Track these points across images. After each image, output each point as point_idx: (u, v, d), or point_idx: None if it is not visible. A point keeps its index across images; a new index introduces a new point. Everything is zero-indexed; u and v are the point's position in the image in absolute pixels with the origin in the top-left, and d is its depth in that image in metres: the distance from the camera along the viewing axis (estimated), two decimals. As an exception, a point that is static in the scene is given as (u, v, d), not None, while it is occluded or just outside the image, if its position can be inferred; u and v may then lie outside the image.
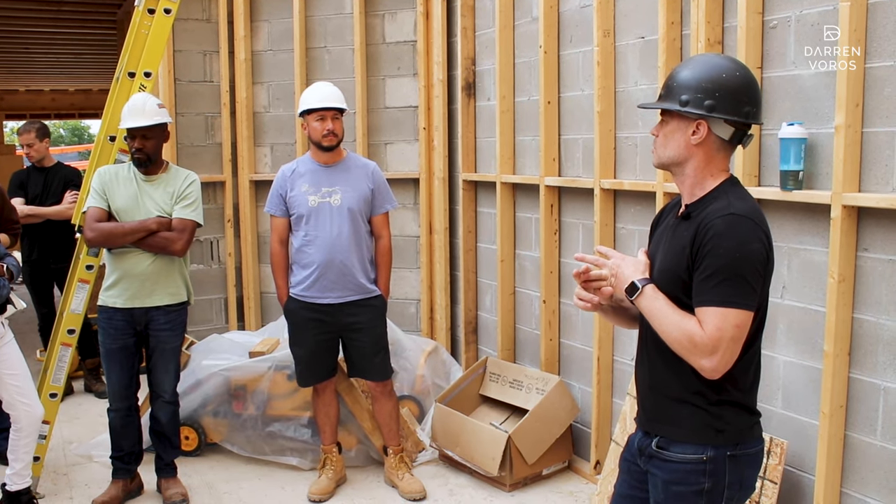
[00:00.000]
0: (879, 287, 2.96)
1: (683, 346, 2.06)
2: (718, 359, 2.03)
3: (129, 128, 3.98)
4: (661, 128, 2.21)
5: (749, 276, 2.04)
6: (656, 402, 2.26)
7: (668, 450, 2.21)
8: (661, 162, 2.23)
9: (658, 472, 2.24)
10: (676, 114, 2.15)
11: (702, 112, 2.10)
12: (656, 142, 2.23)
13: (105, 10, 9.09)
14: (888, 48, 2.88)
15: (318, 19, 5.83)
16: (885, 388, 2.96)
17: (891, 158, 2.89)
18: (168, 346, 4.13)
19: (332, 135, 4.16)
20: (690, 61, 2.22)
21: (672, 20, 3.73)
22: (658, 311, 2.11)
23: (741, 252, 2.03)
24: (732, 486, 2.18)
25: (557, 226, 4.68)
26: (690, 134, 2.14)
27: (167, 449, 4.28)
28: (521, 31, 4.85)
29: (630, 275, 2.18)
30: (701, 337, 2.03)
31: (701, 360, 2.04)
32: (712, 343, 2.02)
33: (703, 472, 2.16)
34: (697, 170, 2.17)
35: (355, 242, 4.21)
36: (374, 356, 4.31)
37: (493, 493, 4.37)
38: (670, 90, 2.17)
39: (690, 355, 2.06)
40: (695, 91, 2.11)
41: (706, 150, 2.15)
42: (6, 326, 3.93)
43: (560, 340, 4.75)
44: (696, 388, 2.16)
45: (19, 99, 18.22)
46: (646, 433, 2.31)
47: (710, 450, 2.16)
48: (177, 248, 4.00)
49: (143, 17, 4.57)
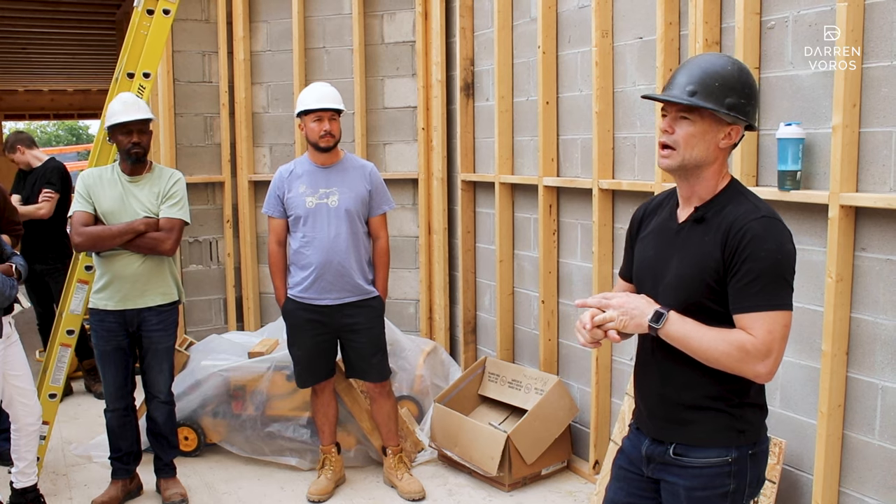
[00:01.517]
0: (877, 287, 2.97)
1: (734, 358, 2.00)
2: (772, 362, 2.00)
3: (129, 121, 3.98)
4: (681, 126, 2.08)
5: (789, 276, 2.03)
6: (669, 411, 2.20)
7: (688, 456, 2.17)
8: (684, 163, 2.09)
9: (677, 480, 2.18)
10: (709, 115, 2.05)
11: (743, 118, 2.07)
12: (676, 141, 2.08)
13: (103, 10, 9.08)
14: (885, 48, 2.88)
15: (316, 20, 5.83)
16: (882, 388, 2.96)
17: (888, 158, 2.90)
18: (161, 346, 4.13)
19: (329, 135, 4.16)
20: (715, 60, 2.11)
21: (670, 20, 3.74)
22: (693, 333, 2.04)
23: (781, 254, 2.01)
24: (752, 483, 2.18)
25: (556, 226, 4.68)
26: (721, 137, 2.08)
27: (165, 449, 4.28)
28: (519, 31, 4.85)
29: (645, 307, 2.09)
30: (753, 343, 1.99)
31: (756, 366, 2.00)
32: (766, 347, 1.99)
33: (728, 474, 2.14)
34: (714, 172, 2.12)
35: (353, 243, 4.21)
36: (372, 357, 4.31)
37: (491, 492, 4.37)
38: (709, 89, 2.04)
39: (744, 365, 2.00)
40: (739, 96, 2.05)
41: (725, 154, 2.13)
42: (12, 326, 3.93)
43: (559, 340, 4.76)
44: (718, 394, 2.13)
45: (18, 99, 18.21)
46: (655, 441, 2.24)
47: (734, 451, 2.14)
48: (166, 247, 4.00)
49: (142, 18, 4.57)
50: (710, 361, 2.03)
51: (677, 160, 2.10)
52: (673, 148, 2.10)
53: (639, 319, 2.07)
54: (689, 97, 2.05)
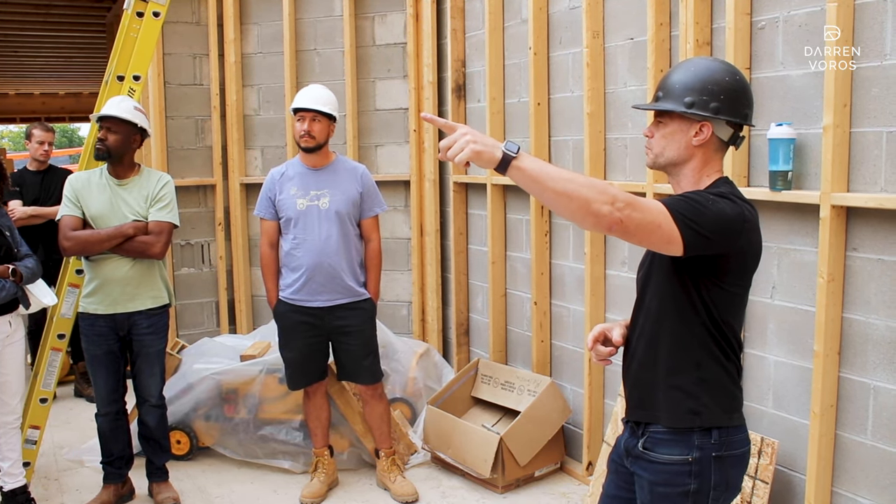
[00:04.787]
0: (869, 286, 2.97)
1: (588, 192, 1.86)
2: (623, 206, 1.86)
3: (99, 116, 3.98)
4: (658, 129, 2.20)
5: (711, 203, 2.00)
6: (640, 392, 2.28)
7: (653, 451, 2.21)
8: (659, 163, 2.22)
9: (644, 474, 2.24)
10: (678, 115, 2.15)
11: (707, 114, 2.12)
12: (653, 143, 2.22)
13: (94, 13, 9.07)
14: (875, 48, 2.89)
15: (307, 22, 5.82)
16: (875, 388, 2.96)
17: (879, 158, 2.90)
18: (152, 350, 4.11)
19: (308, 136, 4.15)
20: (687, 64, 2.22)
21: (661, 21, 3.74)
22: (550, 167, 1.94)
23: (713, 199, 2.03)
24: (718, 486, 2.18)
25: (548, 227, 4.68)
26: (693, 135, 2.15)
27: (157, 453, 4.26)
28: (510, 32, 4.85)
29: (491, 142, 1.94)
30: (619, 190, 1.89)
31: (602, 206, 1.85)
32: (630, 203, 1.88)
33: (688, 474, 2.16)
34: (695, 171, 2.19)
35: (344, 246, 4.20)
36: (363, 359, 4.30)
37: (485, 494, 4.36)
38: (670, 92, 2.16)
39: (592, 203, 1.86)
40: (699, 93, 2.12)
41: (706, 152, 2.18)
42: (12, 326, 3.89)
43: (551, 342, 4.75)
44: (675, 367, 2.17)
45: (9, 102, 18.16)
46: (632, 433, 2.31)
47: (696, 451, 2.15)
48: (155, 251, 3.99)
49: (131, 21, 4.54)
50: (563, 196, 1.89)
51: (651, 160, 2.25)
52: (650, 148, 2.24)
53: (492, 149, 1.93)
54: (654, 102, 2.21)
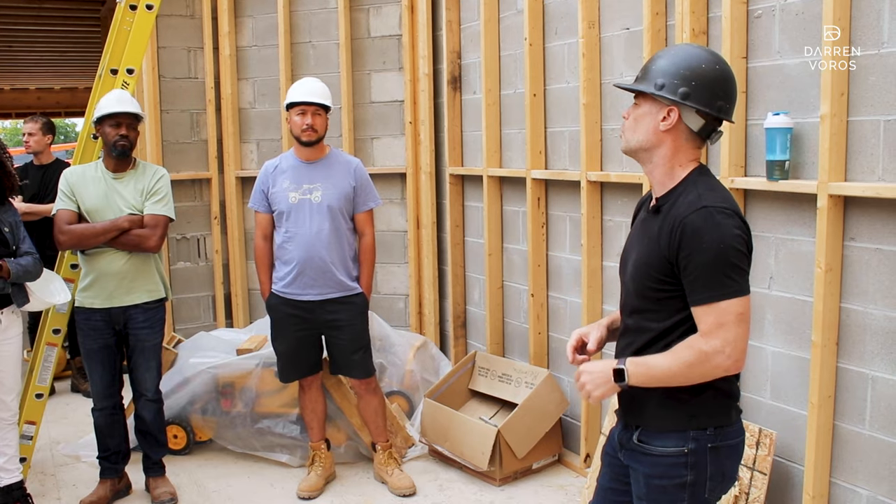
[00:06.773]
0: (866, 276, 2.95)
1: (697, 364, 2.03)
2: (732, 350, 2.01)
3: (118, 112, 3.97)
4: (633, 111, 2.19)
5: (736, 261, 2.03)
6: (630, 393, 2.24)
7: (648, 443, 2.20)
8: (629, 146, 2.21)
9: (639, 466, 2.23)
10: (650, 98, 2.14)
11: (675, 98, 2.09)
12: (625, 125, 2.21)
13: (88, 7, 9.03)
14: (872, 37, 2.87)
15: (302, 14, 5.79)
16: (872, 378, 2.95)
17: (876, 147, 2.88)
18: (148, 344, 4.10)
19: (310, 130, 4.13)
20: (671, 49, 2.22)
21: (657, 11, 3.72)
22: (655, 367, 2.09)
23: (724, 243, 2.01)
24: (714, 477, 2.17)
25: (545, 219, 4.67)
26: (660, 119, 2.13)
27: (154, 447, 4.25)
28: (506, 23, 4.83)
29: (607, 370, 2.14)
30: (705, 341, 2.02)
31: (719, 361, 2.02)
32: (718, 340, 2.01)
33: (684, 465, 2.15)
34: (665, 158, 2.16)
35: (336, 240, 4.18)
36: (353, 353, 4.29)
37: (483, 487, 4.36)
38: (647, 74, 2.16)
39: (708, 365, 2.03)
40: (671, 77, 2.10)
41: (675, 139, 2.14)
42: (3, 322, 3.85)
43: (549, 334, 4.74)
44: None
45: (4, 97, 18.12)
46: (625, 426, 2.30)
47: (692, 442, 2.14)
48: (151, 244, 3.98)
49: (125, 14, 4.52)
50: (684, 380, 2.07)
51: (623, 143, 2.24)
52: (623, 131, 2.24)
53: (609, 385, 2.14)
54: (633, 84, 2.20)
